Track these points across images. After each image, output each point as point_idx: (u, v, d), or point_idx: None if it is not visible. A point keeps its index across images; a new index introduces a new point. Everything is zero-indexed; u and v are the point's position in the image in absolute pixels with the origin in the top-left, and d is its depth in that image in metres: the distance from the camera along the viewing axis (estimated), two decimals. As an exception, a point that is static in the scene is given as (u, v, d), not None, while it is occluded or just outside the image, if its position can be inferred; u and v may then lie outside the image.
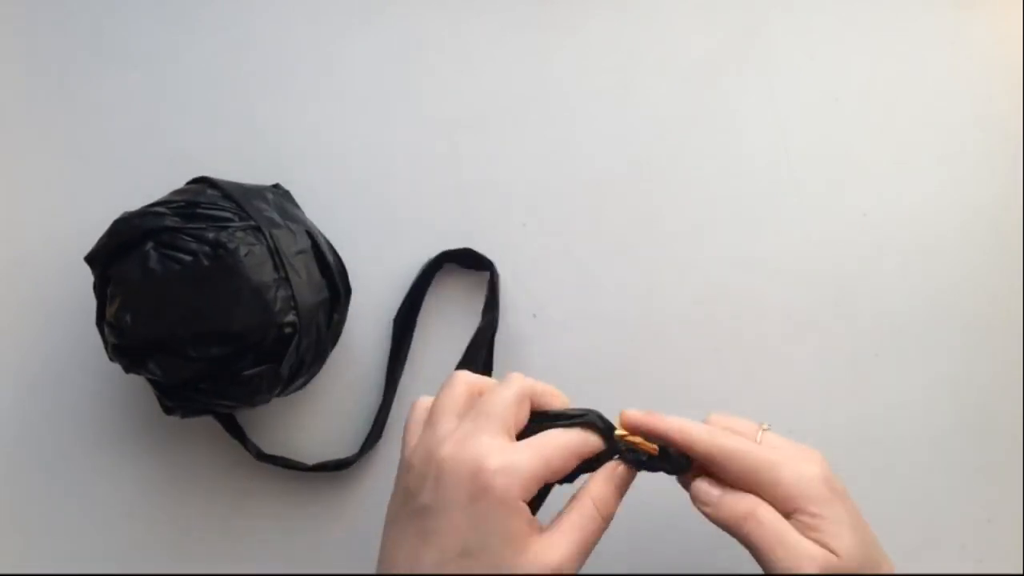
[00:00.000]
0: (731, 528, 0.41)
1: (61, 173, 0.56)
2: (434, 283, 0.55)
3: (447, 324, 0.55)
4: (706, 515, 0.42)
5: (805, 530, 0.40)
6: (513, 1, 0.58)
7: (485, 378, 0.44)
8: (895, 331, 0.56)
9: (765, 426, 0.44)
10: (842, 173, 0.57)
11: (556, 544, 0.39)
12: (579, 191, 0.57)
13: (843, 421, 0.55)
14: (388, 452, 0.54)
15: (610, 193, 0.57)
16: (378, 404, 0.54)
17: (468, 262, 0.55)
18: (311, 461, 0.53)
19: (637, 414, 0.42)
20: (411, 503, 0.40)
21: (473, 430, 0.40)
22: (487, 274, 0.55)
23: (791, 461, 0.41)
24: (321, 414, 0.55)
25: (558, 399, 0.43)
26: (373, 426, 0.54)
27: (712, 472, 0.42)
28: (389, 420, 0.54)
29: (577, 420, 0.42)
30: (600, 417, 0.42)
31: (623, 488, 0.42)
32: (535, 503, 0.42)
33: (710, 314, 0.56)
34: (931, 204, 0.57)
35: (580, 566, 0.39)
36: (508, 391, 0.41)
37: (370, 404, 0.55)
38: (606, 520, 0.41)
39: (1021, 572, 0.54)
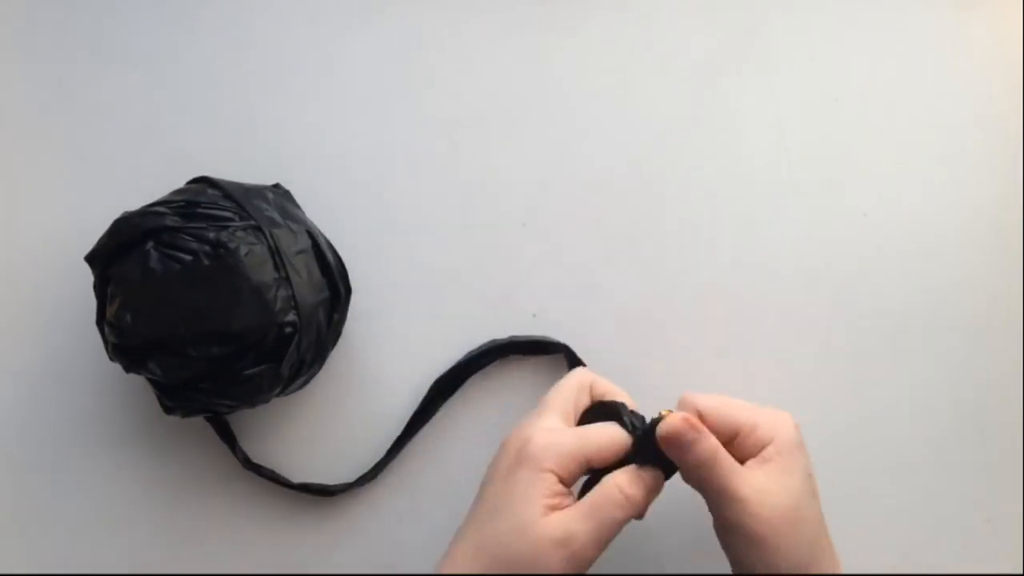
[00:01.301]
0: (695, 469, 0.43)
1: (61, 173, 0.56)
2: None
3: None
4: (675, 456, 0.43)
5: (761, 463, 0.43)
6: (513, 1, 0.58)
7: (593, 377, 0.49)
8: (895, 331, 0.56)
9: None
10: (842, 173, 0.57)
11: (571, 519, 0.41)
12: (579, 191, 0.57)
13: (843, 421, 0.55)
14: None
15: (610, 193, 0.57)
16: (376, 409, 0.54)
17: (533, 350, 0.55)
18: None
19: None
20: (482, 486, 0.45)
21: (534, 416, 0.45)
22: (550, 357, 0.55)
23: (768, 414, 0.45)
24: (321, 414, 0.55)
25: (619, 396, 0.48)
26: (371, 469, 0.53)
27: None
28: (390, 466, 0.54)
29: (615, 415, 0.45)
30: (632, 420, 0.45)
31: (652, 486, 0.44)
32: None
33: (710, 314, 0.56)
34: (931, 204, 0.57)
35: (595, 548, 0.41)
36: (568, 381, 0.47)
37: (370, 404, 0.55)
38: (629, 506, 0.42)
39: (1021, 572, 0.54)
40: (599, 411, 0.47)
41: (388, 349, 0.55)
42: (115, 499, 0.54)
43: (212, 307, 0.46)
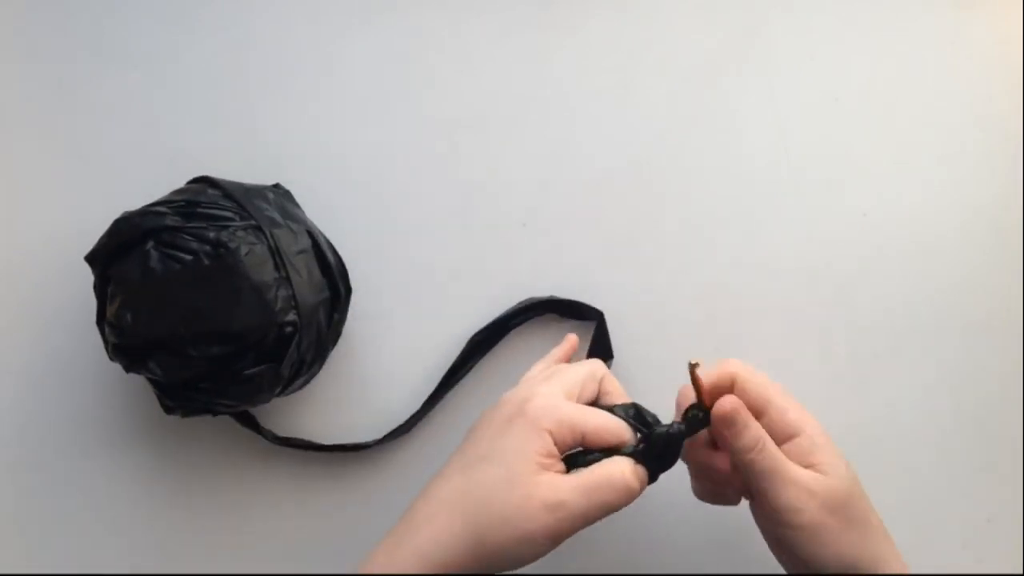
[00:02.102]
0: (745, 453, 0.43)
1: (61, 173, 0.56)
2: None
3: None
4: (724, 437, 0.43)
5: (802, 455, 0.43)
6: (513, 1, 0.58)
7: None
8: (895, 331, 0.56)
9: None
10: (842, 173, 0.57)
11: (566, 488, 0.40)
12: (579, 191, 0.57)
13: (843, 421, 0.55)
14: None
15: (610, 193, 0.57)
16: (376, 408, 0.55)
17: (570, 312, 0.55)
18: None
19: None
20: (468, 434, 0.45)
21: (540, 383, 0.44)
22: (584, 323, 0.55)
23: (793, 403, 0.45)
24: (321, 414, 0.55)
25: (625, 399, 0.46)
26: (405, 422, 0.54)
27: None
28: (422, 422, 0.54)
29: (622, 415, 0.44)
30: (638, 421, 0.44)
31: (644, 484, 0.43)
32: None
33: (710, 314, 0.56)
34: (931, 204, 0.57)
35: (580, 523, 0.41)
36: (581, 367, 0.46)
37: (370, 403, 0.55)
38: (626, 497, 0.42)
39: (1021, 572, 0.54)
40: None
41: (388, 349, 0.55)
42: (115, 499, 0.54)
43: (212, 307, 0.46)
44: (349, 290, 0.52)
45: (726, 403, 0.43)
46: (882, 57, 0.58)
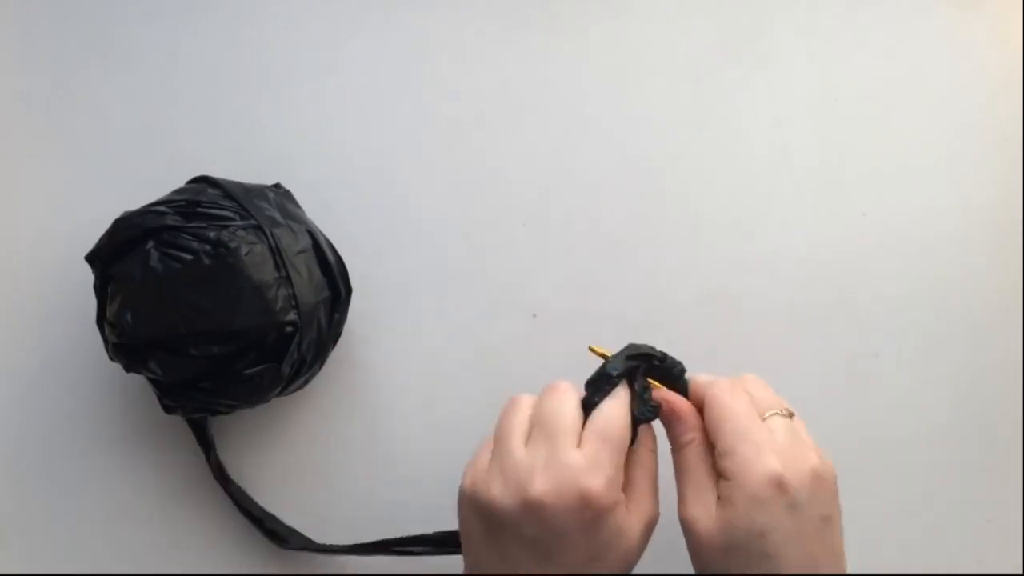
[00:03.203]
0: (672, 444, 0.44)
1: (61, 173, 0.56)
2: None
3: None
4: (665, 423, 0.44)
5: (721, 496, 0.41)
6: (513, 1, 0.58)
7: (531, 398, 0.44)
8: (895, 331, 0.56)
9: (786, 411, 0.44)
10: (842, 173, 0.57)
11: (643, 504, 0.42)
12: (579, 191, 0.57)
13: (843, 421, 0.55)
14: None
15: (610, 193, 0.57)
16: (377, 408, 0.55)
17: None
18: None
19: None
20: (513, 535, 0.40)
21: (555, 454, 0.40)
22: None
23: (759, 445, 0.40)
24: (321, 414, 0.55)
25: None
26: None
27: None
28: None
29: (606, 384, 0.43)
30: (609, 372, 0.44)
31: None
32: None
33: (710, 314, 0.56)
34: (931, 204, 0.57)
35: (658, 502, 0.43)
36: (570, 403, 0.42)
37: (370, 403, 0.55)
38: (655, 452, 0.44)
39: (1021, 572, 0.54)
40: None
41: (388, 349, 0.55)
42: (115, 499, 0.54)
43: (213, 306, 0.46)
44: (349, 290, 0.52)
45: (668, 402, 0.44)
46: (882, 57, 0.58)
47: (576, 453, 0.40)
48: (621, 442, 0.41)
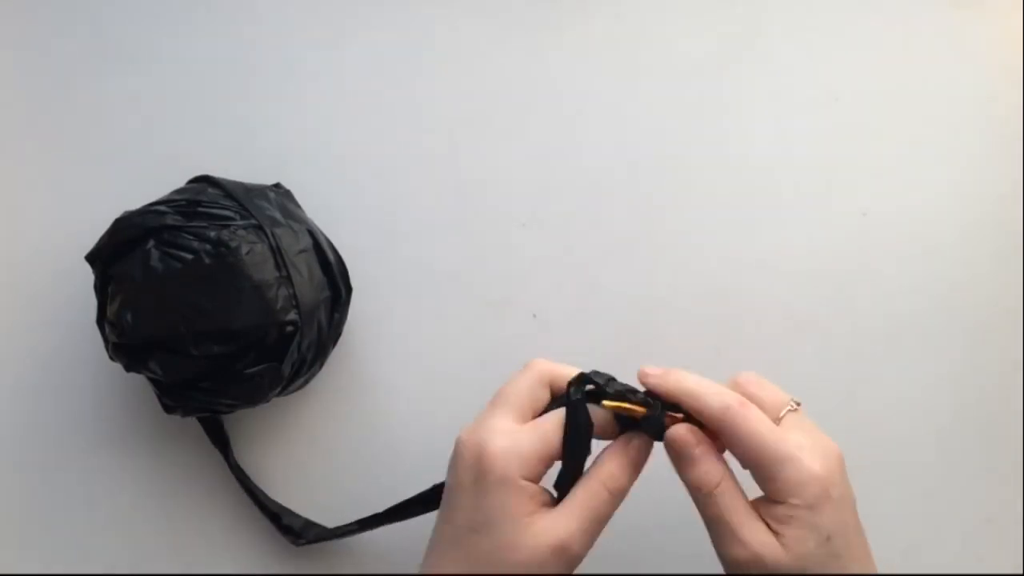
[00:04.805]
0: (694, 491, 0.42)
1: (61, 173, 0.56)
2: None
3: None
4: (675, 466, 0.42)
5: (776, 520, 0.40)
6: (513, 1, 0.58)
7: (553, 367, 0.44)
8: (895, 331, 0.56)
9: (794, 404, 0.43)
10: (842, 173, 0.57)
11: (560, 522, 0.40)
12: (579, 191, 0.57)
13: (843, 421, 0.55)
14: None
15: (610, 193, 0.57)
16: (377, 408, 0.55)
17: None
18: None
19: (654, 371, 0.44)
20: (448, 480, 0.42)
21: (487, 415, 0.42)
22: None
23: (797, 457, 0.40)
24: (321, 414, 0.55)
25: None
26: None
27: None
28: None
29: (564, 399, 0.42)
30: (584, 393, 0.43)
31: (637, 461, 0.43)
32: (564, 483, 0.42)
33: (710, 314, 0.56)
34: (931, 204, 0.57)
35: (589, 542, 0.41)
36: (523, 377, 0.43)
37: (370, 403, 0.55)
38: (616, 495, 0.42)
39: (1021, 572, 0.54)
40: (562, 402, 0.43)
41: (388, 349, 0.55)
42: (115, 499, 0.54)
43: (213, 306, 0.46)
44: (349, 290, 0.52)
45: (679, 432, 0.41)
46: (882, 57, 0.58)
47: (501, 420, 0.42)
48: (547, 436, 0.41)
